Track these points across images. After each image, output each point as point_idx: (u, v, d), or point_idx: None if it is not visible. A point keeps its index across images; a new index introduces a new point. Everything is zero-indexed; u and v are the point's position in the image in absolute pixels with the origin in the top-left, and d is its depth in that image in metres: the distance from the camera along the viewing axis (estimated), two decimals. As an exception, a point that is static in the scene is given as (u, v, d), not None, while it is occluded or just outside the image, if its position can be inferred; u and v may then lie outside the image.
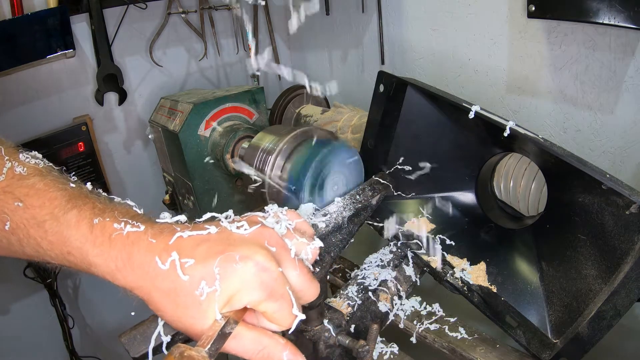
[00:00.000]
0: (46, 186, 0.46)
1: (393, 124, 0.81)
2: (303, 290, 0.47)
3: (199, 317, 0.42)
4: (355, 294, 0.71)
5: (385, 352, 0.70)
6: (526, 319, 0.64)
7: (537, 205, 0.77)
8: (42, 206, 0.45)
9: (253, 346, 0.44)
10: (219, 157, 1.13)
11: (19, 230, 0.45)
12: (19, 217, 0.45)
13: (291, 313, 0.44)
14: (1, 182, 0.45)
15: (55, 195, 0.45)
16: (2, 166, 0.46)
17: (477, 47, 1.06)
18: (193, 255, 0.43)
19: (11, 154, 0.48)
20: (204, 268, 0.42)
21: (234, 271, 0.42)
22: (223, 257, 0.42)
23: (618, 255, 0.54)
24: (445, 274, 0.74)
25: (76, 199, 0.46)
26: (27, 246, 0.45)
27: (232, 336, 0.42)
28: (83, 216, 0.44)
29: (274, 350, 0.44)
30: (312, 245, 0.51)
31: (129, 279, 0.43)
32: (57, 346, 1.43)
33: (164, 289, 0.42)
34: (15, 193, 0.45)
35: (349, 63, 1.48)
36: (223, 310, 0.42)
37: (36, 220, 0.44)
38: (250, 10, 1.56)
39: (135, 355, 0.51)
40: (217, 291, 0.42)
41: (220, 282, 0.42)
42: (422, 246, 0.78)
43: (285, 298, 0.44)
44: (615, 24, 0.74)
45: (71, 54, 1.22)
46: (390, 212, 0.83)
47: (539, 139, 0.62)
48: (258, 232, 0.46)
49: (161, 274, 0.42)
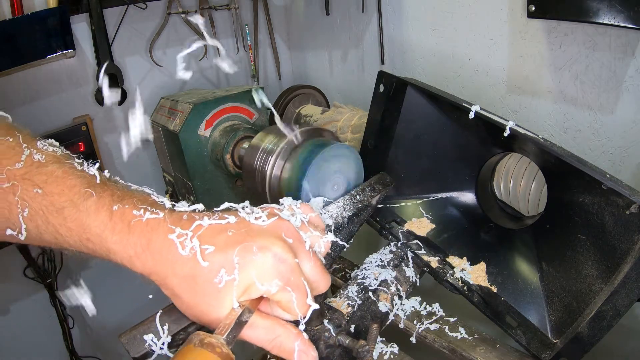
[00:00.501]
0: (65, 173, 0.46)
1: (393, 124, 0.81)
2: (317, 281, 0.48)
3: (216, 304, 0.43)
4: (355, 294, 0.71)
5: (385, 352, 0.70)
6: (526, 319, 0.64)
7: (537, 205, 0.77)
8: (61, 193, 0.45)
9: (267, 335, 0.45)
10: (219, 157, 1.13)
11: (37, 216, 0.45)
12: (37, 204, 0.45)
13: (305, 303, 0.45)
14: (20, 169, 0.45)
15: (74, 183, 0.46)
16: (21, 153, 0.46)
17: (477, 47, 1.06)
18: (213, 242, 0.44)
19: (29, 141, 0.48)
20: (223, 256, 0.43)
21: (252, 261, 0.43)
22: (242, 247, 0.43)
23: (618, 255, 0.54)
24: (445, 274, 0.74)
25: (95, 186, 0.46)
26: (46, 233, 0.46)
27: (248, 325, 0.43)
28: (102, 203, 0.45)
29: (287, 340, 0.45)
30: (325, 239, 0.52)
31: (148, 265, 0.44)
32: (57, 346, 1.43)
33: (183, 275, 0.43)
34: (34, 180, 0.45)
35: (349, 63, 1.48)
36: (240, 299, 0.43)
37: (55, 207, 0.45)
38: (250, 10, 1.56)
39: (135, 355, 0.51)
40: (235, 280, 0.43)
41: (239, 271, 0.43)
42: (422, 246, 0.78)
43: (300, 288, 0.45)
44: (615, 24, 0.74)
45: (71, 54, 1.22)
46: (390, 212, 0.83)
47: (539, 139, 0.62)
48: (275, 224, 0.47)
49: (180, 259, 0.43)
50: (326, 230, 0.55)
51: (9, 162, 0.46)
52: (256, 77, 1.60)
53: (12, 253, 1.29)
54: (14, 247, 1.28)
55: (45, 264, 1.35)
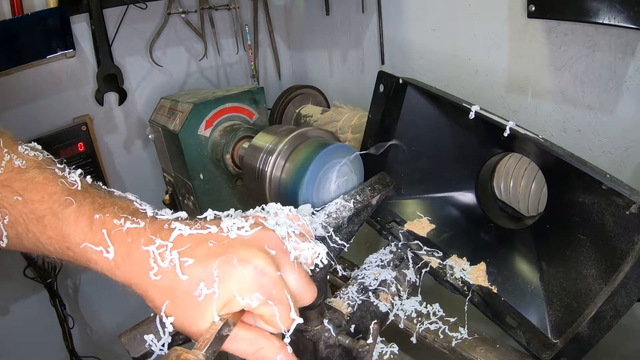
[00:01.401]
0: (45, 180, 0.45)
1: (393, 124, 0.81)
2: (301, 293, 0.47)
3: (196, 317, 0.42)
4: (355, 294, 0.71)
5: (385, 352, 0.70)
6: (526, 319, 0.64)
7: (537, 206, 0.77)
8: (41, 201, 0.44)
9: (250, 347, 0.43)
10: (219, 157, 1.13)
11: (17, 224, 0.45)
12: (17, 212, 0.44)
13: (289, 317, 0.44)
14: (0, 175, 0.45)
15: (55, 190, 0.45)
16: (1, 159, 0.46)
17: (477, 47, 1.06)
18: (193, 254, 0.43)
19: (10, 146, 0.47)
20: (203, 269, 0.42)
21: (232, 274, 0.42)
22: (222, 259, 0.42)
23: (618, 255, 0.54)
24: (445, 274, 0.74)
25: (75, 193, 0.45)
26: (26, 240, 0.45)
27: (230, 337, 0.42)
28: (82, 212, 0.44)
29: (270, 352, 0.43)
30: (311, 250, 0.50)
31: (128, 275, 0.43)
32: (57, 346, 1.43)
33: (162, 287, 0.42)
34: (14, 187, 0.44)
35: (349, 63, 1.48)
36: (221, 313, 0.42)
37: (35, 215, 0.44)
38: (250, 10, 1.56)
39: (135, 355, 0.51)
40: (215, 294, 0.41)
41: (219, 284, 0.41)
42: (422, 246, 0.78)
43: (283, 302, 0.43)
44: (615, 24, 0.74)
45: (71, 54, 1.22)
46: (390, 212, 0.83)
47: (539, 139, 0.62)
48: (258, 235, 0.46)
49: (160, 271, 0.42)
50: (314, 240, 0.53)
51: None
52: (256, 77, 1.60)
53: (12, 253, 1.29)
54: (14, 247, 1.28)
55: (45, 264, 1.35)
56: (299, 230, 0.51)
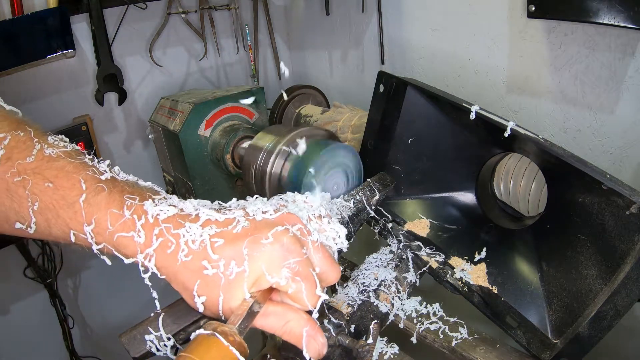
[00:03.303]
0: (76, 168, 0.47)
1: (393, 124, 0.81)
2: (325, 272, 0.49)
3: (228, 296, 0.44)
4: (355, 294, 0.71)
5: (385, 352, 0.70)
6: (526, 319, 0.64)
7: (537, 206, 0.77)
8: (73, 187, 0.45)
9: (278, 321, 0.45)
10: (219, 157, 1.13)
11: (47, 210, 0.45)
12: (48, 198, 0.45)
13: (315, 294, 0.46)
14: (31, 163, 0.46)
15: (86, 177, 0.46)
16: (32, 148, 0.47)
17: (477, 47, 1.06)
18: (222, 236, 0.45)
19: (40, 136, 0.49)
20: (233, 249, 0.44)
21: (261, 253, 0.44)
22: (251, 239, 0.44)
23: (618, 255, 0.54)
24: (446, 275, 0.74)
25: (106, 181, 0.47)
26: (55, 227, 0.46)
27: (260, 313, 0.44)
28: (114, 198, 0.46)
29: (297, 325, 0.45)
30: (333, 230, 0.54)
31: (158, 259, 0.45)
32: (57, 346, 1.43)
33: (193, 268, 0.44)
34: (45, 174, 0.45)
35: (349, 63, 1.48)
36: (251, 290, 0.44)
37: (66, 201, 0.45)
38: (250, 10, 1.56)
39: (135, 355, 0.51)
40: (245, 272, 0.44)
41: (249, 263, 0.44)
42: (422, 247, 0.78)
43: (309, 279, 0.46)
44: (615, 24, 0.74)
45: (71, 54, 1.22)
46: (390, 212, 0.83)
47: (539, 139, 0.62)
48: (283, 217, 0.49)
49: (191, 253, 0.44)
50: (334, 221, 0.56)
51: (20, 156, 0.46)
52: (256, 77, 1.60)
53: (12, 253, 1.29)
54: (14, 247, 1.28)
55: (45, 264, 1.35)
56: (318, 213, 0.54)
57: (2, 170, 0.45)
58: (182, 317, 0.51)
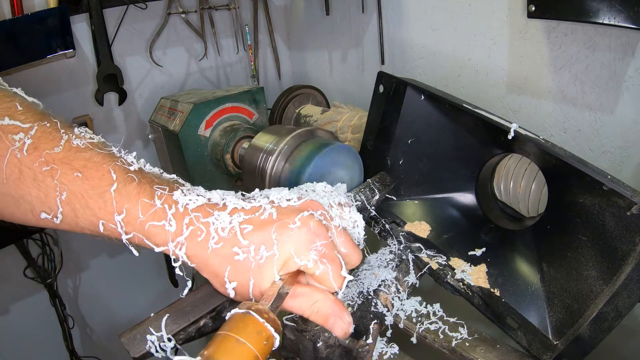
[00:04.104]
0: (104, 159, 0.47)
1: (393, 124, 0.81)
2: (349, 255, 0.51)
3: (258, 279, 0.45)
4: (355, 294, 0.71)
5: (385, 352, 0.69)
6: (527, 321, 0.64)
7: (537, 206, 0.77)
8: (102, 177, 0.46)
9: (307, 302, 0.47)
10: (219, 157, 1.13)
11: (75, 200, 0.45)
12: (77, 187, 0.45)
13: (340, 275, 0.47)
14: (58, 154, 0.46)
15: (115, 168, 0.47)
16: (60, 138, 0.47)
17: (477, 47, 1.06)
18: (251, 222, 0.47)
19: (66, 127, 0.49)
20: (262, 234, 0.46)
21: (289, 236, 0.46)
22: (279, 224, 0.46)
23: (619, 256, 0.54)
24: (446, 276, 0.74)
25: (135, 172, 0.48)
26: (82, 217, 0.46)
27: (289, 295, 0.45)
28: (144, 188, 0.46)
29: (324, 305, 0.47)
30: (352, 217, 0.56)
31: (188, 247, 0.46)
32: (57, 346, 1.43)
33: (223, 255, 0.46)
34: (73, 164, 0.46)
35: (349, 63, 1.48)
36: (280, 273, 0.46)
37: (96, 191, 0.45)
38: (250, 10, 1.56)
39: (135, 355, 0.51)
40: (275, 255, 0.45)
41: (278, 247, 0.45)
42: (422, 248, 0.78)
43: (335, 261, 0.47)
44: (615, 24, 0.74)
45: (71, 54, 1.22)
46: (389, 213, 0.83)
47: (540, 140, 0.61)
48: (307, 204, 0.50)
49: (220, 239, 0.45)
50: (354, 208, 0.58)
51: (47, 146, 0.46)
52: (256, 77, 1.60)
53: (12, 253, 1.30)
54: (14, 247, 1.29)
55: (45, 264, 1.35)
56: (338, 200, 0.57)
57: (29, 160, 0.45)
58: (181, 317, 0.52)
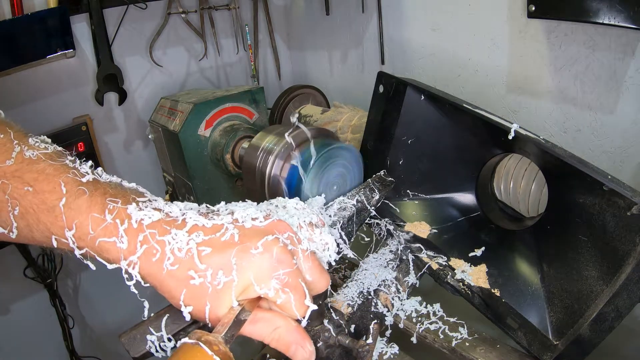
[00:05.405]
0: (56, 171, 0.45)
1: (393, 124, 0.81)
2: (315, 281, 0.48)
3: (215, 305, 0.43)
4: (355, 294, 0.71)
5: (385, 352, 0.70)
6: (527, 321, 0.64)
7: (537, 206, 0.77)
8: (53, 191, 0.44)
9: (267, 328, 0.45)
10: (219, 157, 1.13)
11: (28, 215, 0.44)
12: (28, 202, 0.44)
13: (304, 304, 0.45)
14: (10, 167, 0.44)
15: (67, 180, 0.44)
16: (12, 150, 0.45)
17: (477, 47, 1.06)
18: (210, 244, 0.43)
19: (20, 138, 0.47)
20: (221, 258, 0.43)
21: (250, 263, 0.43)
22: (240, 248, 0.43)
23: (619, 256, 0.54)
24: (446, 276, 0.74)
25: (88, 184, 0.45)
26: (37, 231, 0.45)
27: (248, 320, 0.43)
28: (95, 202, 0.44)
29: (286, 332, 0.45)
30: (323, 240, 0.52)
31: (142, 266, 0.43)
32: (57, 346, 1.43)
33: (179, 277, 0.43)
34: (24, 178, 0.44)
35: (349, 63, 1.48)
36: (239, 298, 0.43)
37: (46, 205, 0.44)
38: (250, 10, 1.56)
39: (135, 355, 0.51)
40: (234, 281, 0.42)
41: (237, 272, 0.42)
42: (422, 248, 0.78)
43: (298, 290, 0.44)
44: (615, 24, 0.73)
45: (71, 54, 1.22)
46: (389, 213, 0.83)
47: (540, 140, 0.61)
48: (273, 225, 0.47)
49: (177, 261, 0.43)
50: (327, 229, 0.54)
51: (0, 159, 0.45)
52: (256, 77, 1.60)
53: (12, 253, 1.29)
54: (14, 247, 1.28)
55: (45, 264, 1.35)
56: (310, 219, 0.53)
57: None
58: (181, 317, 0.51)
